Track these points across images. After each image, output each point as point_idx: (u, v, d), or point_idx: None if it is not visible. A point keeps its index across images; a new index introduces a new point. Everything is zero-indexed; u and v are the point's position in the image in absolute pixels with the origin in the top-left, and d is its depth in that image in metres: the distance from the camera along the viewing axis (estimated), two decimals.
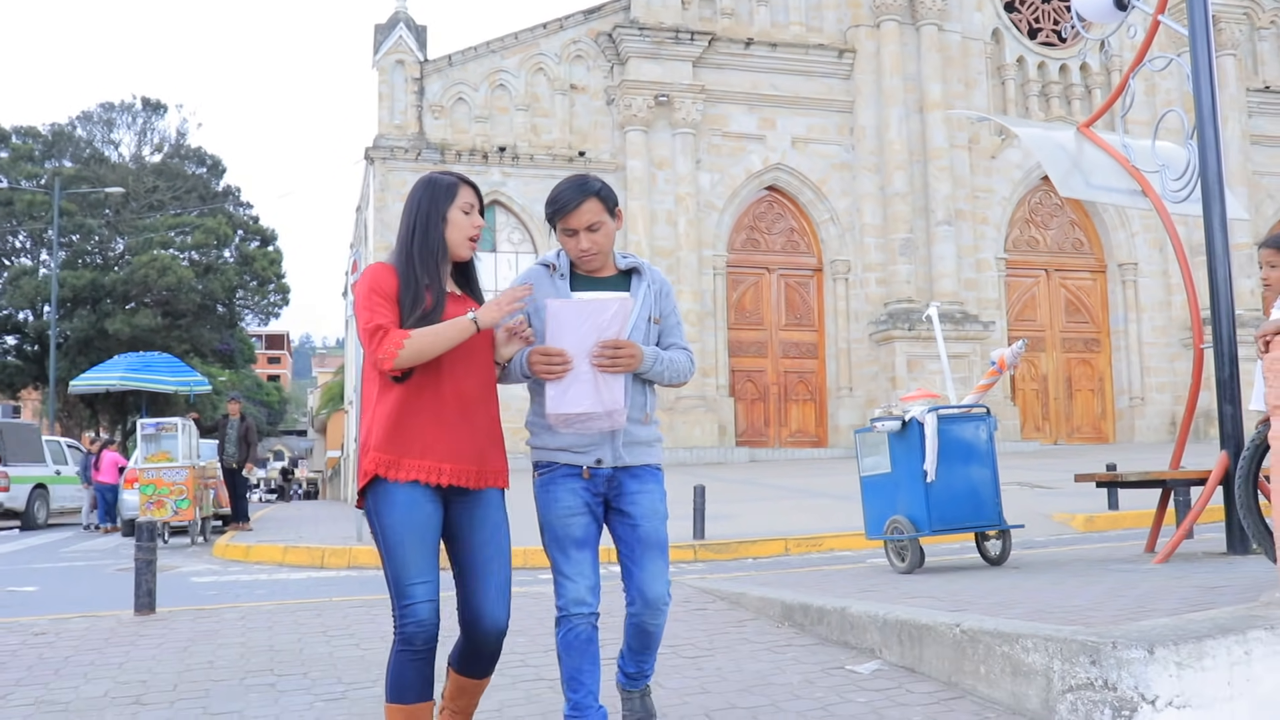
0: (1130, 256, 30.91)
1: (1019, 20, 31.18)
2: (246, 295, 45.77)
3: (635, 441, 3.63)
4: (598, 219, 3.60)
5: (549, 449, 3.61)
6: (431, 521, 3.26)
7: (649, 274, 3.74)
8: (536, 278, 3.68)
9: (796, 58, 29.06)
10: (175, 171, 45.02)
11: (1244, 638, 3.55)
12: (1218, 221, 7.08)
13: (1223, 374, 6.90)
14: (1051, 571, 6.76)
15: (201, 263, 41.83)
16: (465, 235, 3.41)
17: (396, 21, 27.71)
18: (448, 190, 3.40)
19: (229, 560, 13.68)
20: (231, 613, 7.06)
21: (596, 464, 3.58)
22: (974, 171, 29.76)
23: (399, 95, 27.33)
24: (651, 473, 3.67)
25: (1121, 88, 8.51)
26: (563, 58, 28.23)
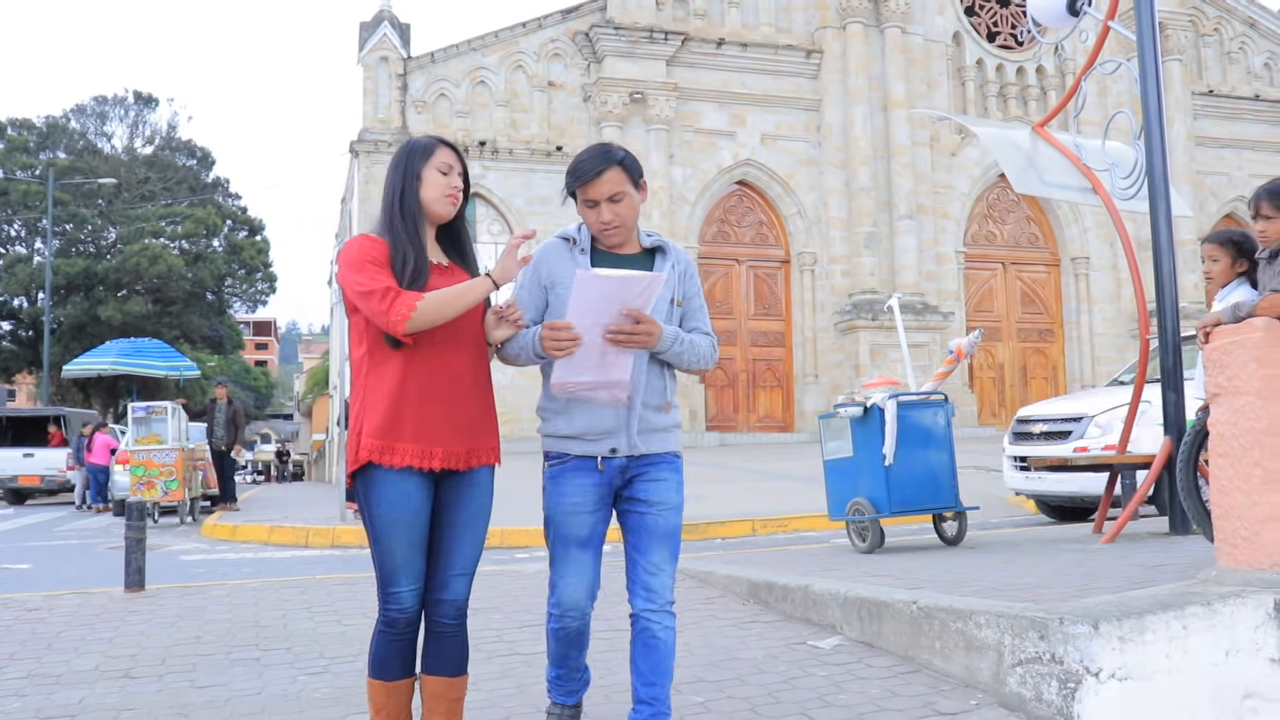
0: (1083, 251, 31.12)
1: (978, 24, 31.29)
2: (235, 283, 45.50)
3: (652, 428, 3.30)
4: (620, 189, 3.25)
5: (560, 436, 3.29)
6: (421, 512, 3.11)
7: (674, 253, 3.40)
8: (555, 251, 3.34)
9: (766, 57, 29.07)
10: (166, 163, 44.67)
11: (1182, 613, 3.60)
12: (1163, 218, 7.13)
13: (1166, 363, 6.96)
14: (1005, 551, 6.82)
15: (191, 252, 41.53)
16: (442, 193, 3.18)
17: (381, 19, 27.57)
18: (424, 151, 3.20)
19: (216, 539, 13.62)
20: (218, 590, 7.04)
21: (611, 453, 3.25)
22: (935, 168, 29.86)
23: (383, 91, 27.20)
24: (669, 461, 3.33)
25: (1074, 90, 8.56)
26: (541, 56, 28.14)
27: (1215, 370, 4.07)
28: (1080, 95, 8.58)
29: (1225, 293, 5.75)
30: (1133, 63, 7.81)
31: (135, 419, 16.63)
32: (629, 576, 3.26)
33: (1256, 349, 3.92)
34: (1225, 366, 4.02)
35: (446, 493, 3.18)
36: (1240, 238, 5.82)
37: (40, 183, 39.15)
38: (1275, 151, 33.89)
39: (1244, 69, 34.20)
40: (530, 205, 27.13)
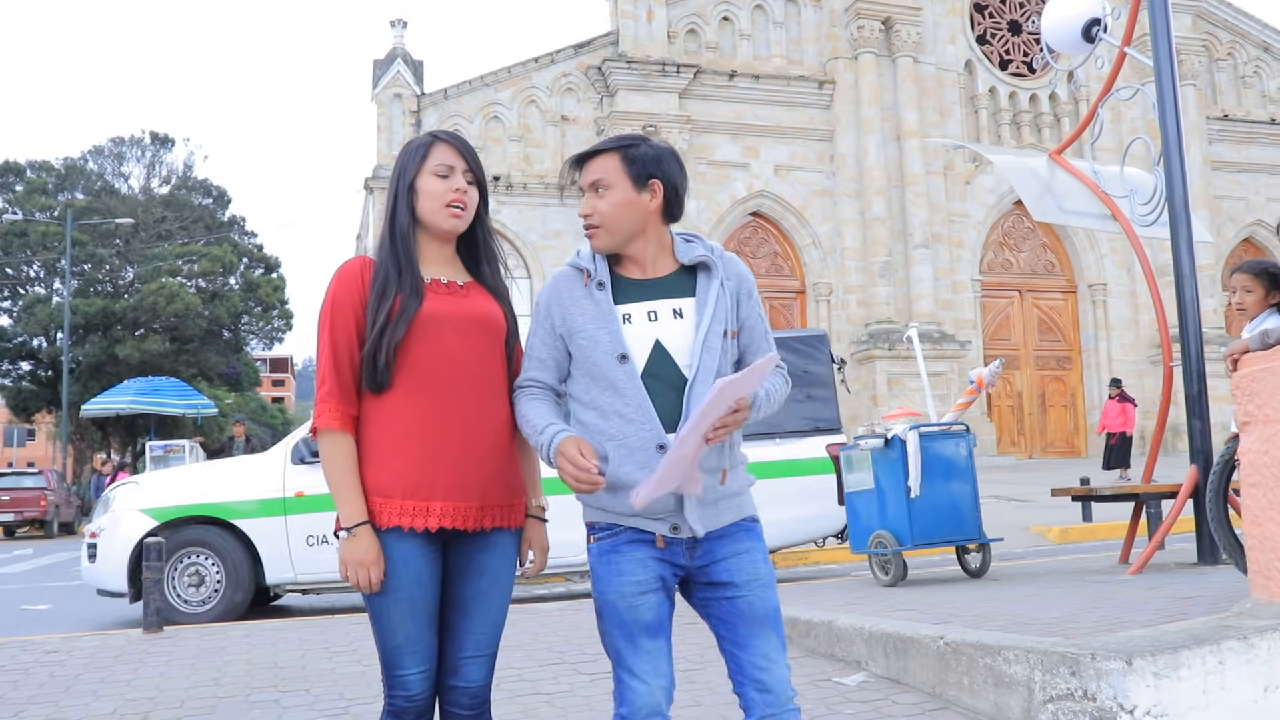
0: (1100, 277, 31.02)
1: (990, 52, 31.36)
2: (251, 321, 45.64)
3: (719, 497, 2.60)
4: (604, 178, 2.62)
5: (609, 511, 2.59)
6: (424, 578, 2.59)
7: (723, 266, 2.67)
8: (566, 288, 2.65)
9: (778, 89, 29.17)
10: (182, 202, 44.97)
11: (1218, 648, 3.53)
12: (1185, 244, 7.08)
13: (1191, 390, 6.89)
14: (1030, 583, 6.73)
15: (208, 290, 41.73)
16: (440, 203, 2.63)
17: (394, 57, 27.77)
18: (417, 151, 2.68)
19: None
20: (237, 630, 7.00)
21: (673, 531, 2.57)
22: (949, 197, 29.86)
23: (397, 128, 27.36)
24: (746, 529, 2.65)
25: (1091, 116, 8.53)
26: (554, 90, 28.30)
27: (1244, 398, 4.01)
28: (1097, 122, 8.55)
29: (1255, 324, 5.68)
30: (1149, 88, 7.78)
31: (153, 457, 16.69)
32: (734, 677, 2.63)
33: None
34: (1255, 394, 3.96)
35: (455, 559, 2.67)
36: (1275, 269, 5.76)
37: (59, 223, 39.45)
38: None
39: (1258, 93, 34.16)
40: (545, 240, 27.21)
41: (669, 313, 2.58)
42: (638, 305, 2.59)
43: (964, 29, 31.07)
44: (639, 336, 2.56)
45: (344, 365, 2.57)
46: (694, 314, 2.58)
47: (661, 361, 2.55)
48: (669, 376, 2.54)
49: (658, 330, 2.56)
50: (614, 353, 2.53)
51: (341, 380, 2.57)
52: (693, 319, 2.58)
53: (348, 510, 2.53)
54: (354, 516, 2.53)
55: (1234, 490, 5.91)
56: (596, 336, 2.55)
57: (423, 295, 2.59)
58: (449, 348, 2.59)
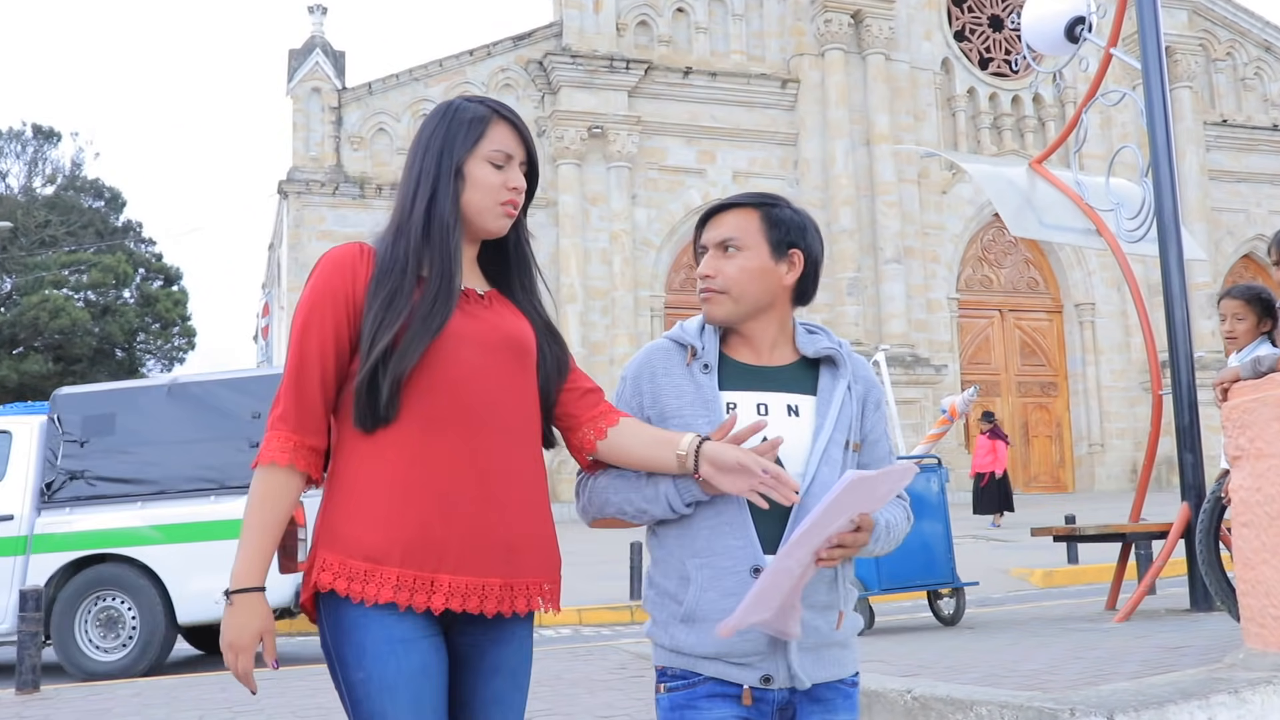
0: (1087, 296, 31.44)
1: (969, 50, 31.78)
2: (148, 339, 45.11)
3: (824, 643, 2.31)
4: (737, 237, 2.39)
5: (684, 654, 2.29)
6: (432, 670, 2.16)
7: (850, 365, 2.44)
8: (662, 363, 2.42)
9: (737, 88, 29.38)
10: (69, 205, 44.40)
11: (1207, 703, 3.59)
12: (1175, 262, 7.22)
13: (1182, 421, 7.02)
14: (1008, 631, 6.81)
15: (98, 304, 41.22)
16: (495, 200, 2.28)
17: (313, 47, 27.68)
18: (470, 127, 2.28)
19: None
20: (125, 689, 6.91)
21: (763, 683, 2.26)
22: (924, 207, 30.18)
23: (315, 125, 27.25)
24: (845, 694, 2.36)
25: (1074, 123, 8.69)
26: (491, 86, 28.32)
27: (1235, 430, 4.10)
28: (1081, 128, 8.71)
29: (1246, 352, 5.80)
30: (1138, 92, 7.94)
31: None
32: None
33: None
34: (1247, 426, 4.05)
35: (465, 649, 2.24)
36: (1267, 295, 5.89)
37: None
38: None
39: (1260, 96, 34.85)
40: None
41: (782, 409, 2.35)
42: (745, 394, 2.36)
43: (941, 24, 31.49)
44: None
45: (311, 382, 2.16)
46: (813, 415, 2.35)
47: None
48: None
49: (767, 427, 2.31)
50: None
51: (303, 401, 2.16)
52: (811, 421, 2.34)
53: (240, 566, 2.13)
54: (243, 577, 2.13)
55: (1226, 529, 6.02)
56: (693, 424, 2.31)
57: (453, 308, 2.20)
58: (469, 374, 2.20)
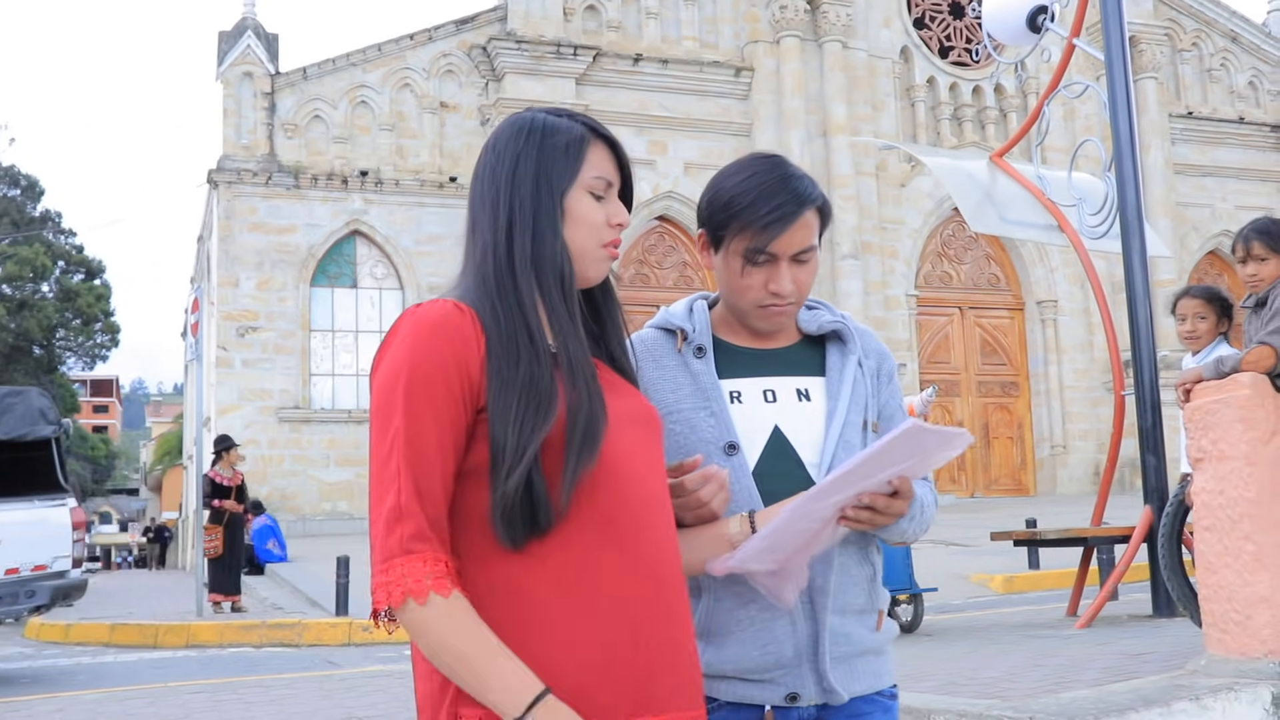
0: (1050, 293, 31.75)
1: (929, 38, 32.02)
2: (68, 335, 44.67)
3: (856, 651, 2.18)
4: (812, 244, 2.22)
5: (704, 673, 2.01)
6: None
7: (859, 340, 2.32)
8: (648, 354, 2.26)
9: (690, 75, 29.44)
10: None
11: (1168, 710, 3.67)
12: (1138, 259, 7.34)
13: (1145, 422, 7.14)
14: (967, 638, 6.89)
15: (15, 298, 40.71)
16: (597, 241, 1.93)
17: (244, 29, 27.46)
18: (568, 151, 1.91)
19: (44, 642, 13.26)
20: (47, 705, 6.85)
21: (788, 702, 2.13)
22: (882, 201, 30.37)
23: (247, 112, 27.04)
24: (884, 708, 2.24)
25: (1036, 115, 8.81)
26: (432, 73, 28.22)
27: (1198, 432, 4.19)
28: (1043, 120, 8.83)
29: (1206, 353, 5.93)
30: (1102, 83, 8.06)
31: None
32: None
33: (1244, 408, 4.03)
34: (1210, 428, 4.13)
35: None
36: (1226, 295, 6.03)
37: None
38: (1262, 180, 35.00)
39: (1226, 88, 35.35)
40: (420, 245, 27.08)
41: (791, 393, 2.24)
42: (749, 381, 2.24)
43: (900, 11, 31.69)
44: (752, 422, 2.20)
45: (435, 484, 1.72)
46: (825, 398, 2.24)
47: (780, 456, 2.17)
48: (790, 476, 2.14)
49: (776, 415, 2.21)
50: (719, 441, 2.15)
51: (433, 510, 1.72)
52: (823, 404, 2.23)
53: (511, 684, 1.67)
54: (528, 687, 1.67)
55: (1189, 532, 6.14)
56: (694, 419, 2.18)
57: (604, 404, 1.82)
58: (625, 461, 1.83)
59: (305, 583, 15.66)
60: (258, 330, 25.94)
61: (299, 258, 26.42)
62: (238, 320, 25.81)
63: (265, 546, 19.40)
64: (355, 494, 25.71)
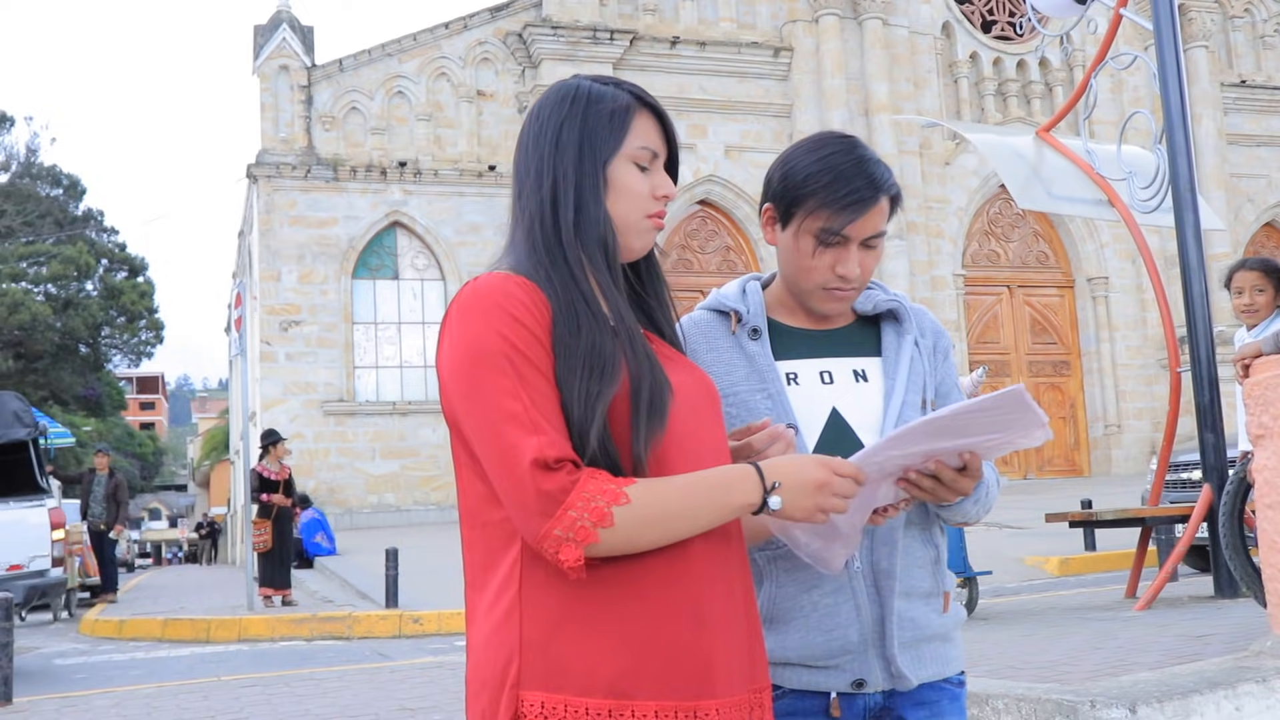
0: (1100, 270, 31.45)
1: (971, 12, 31.74)
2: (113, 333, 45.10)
3: (924, 636, 2.16)
4: (882, 230, 2.20)
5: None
6: None
7: (915, 319, 2.32)
8: (706, 334, 2.25)
9: (728, 57, 29.33)
10: (26, 193, 44.28)
11: (1233, 692, 3.63)
12: (1192, 233, 7.26)
13: (1202, 399, 7.06)
14: (1023, 622, 6.85)
15: (60, 297, 41.15)
16: (642, 212, 1.92)
17: (279, 22, 27.58)
18: (613, 120, 1.89)
19: (99, 638, 13.41)
20: (103, 699, 6.93)
21: (855, 688, 2.11)
22: (926, 180, 30.17)
23: (284, 105, 27.16)
24: (951, 695, 2.19)
25: (1083, 88, 8.71)
26: (468, 61, 28.26)
27: (1258, 408, 4.13)
28: (1091, 93, 8.73)
29: (1263, 327, 5.85)
30: (1150, 53, 7.96)
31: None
32: None
33: None
34: (1270, 404, 4.08)
35: None
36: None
37: None
38: None
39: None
40: (461, 235, 27.15)
41: (848, 375, 2.23)
42: (806, 363, 2.23)
43: None
44: (809, 404, 2.18)
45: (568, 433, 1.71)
46: (882, 378, 2.23)
47: (840, 438, 2.14)
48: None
49: (834, 397, 2.20)
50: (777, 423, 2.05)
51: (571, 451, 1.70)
52: (880, 384, 2.22)
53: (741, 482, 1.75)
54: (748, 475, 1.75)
55: (1251, 511, 6.07)
56: (750, 402, 2.16)
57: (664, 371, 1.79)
58: (692, 441, 1.82)
59: (354, 576, 15.77)
60: (300, 324, 26.09)
61: (340, 250, 26.55)
62: (280, 314, 25.97)
63: (314, 540, 19.53)
64: (401, 486, 25.86)
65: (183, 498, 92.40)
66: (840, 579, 2.09)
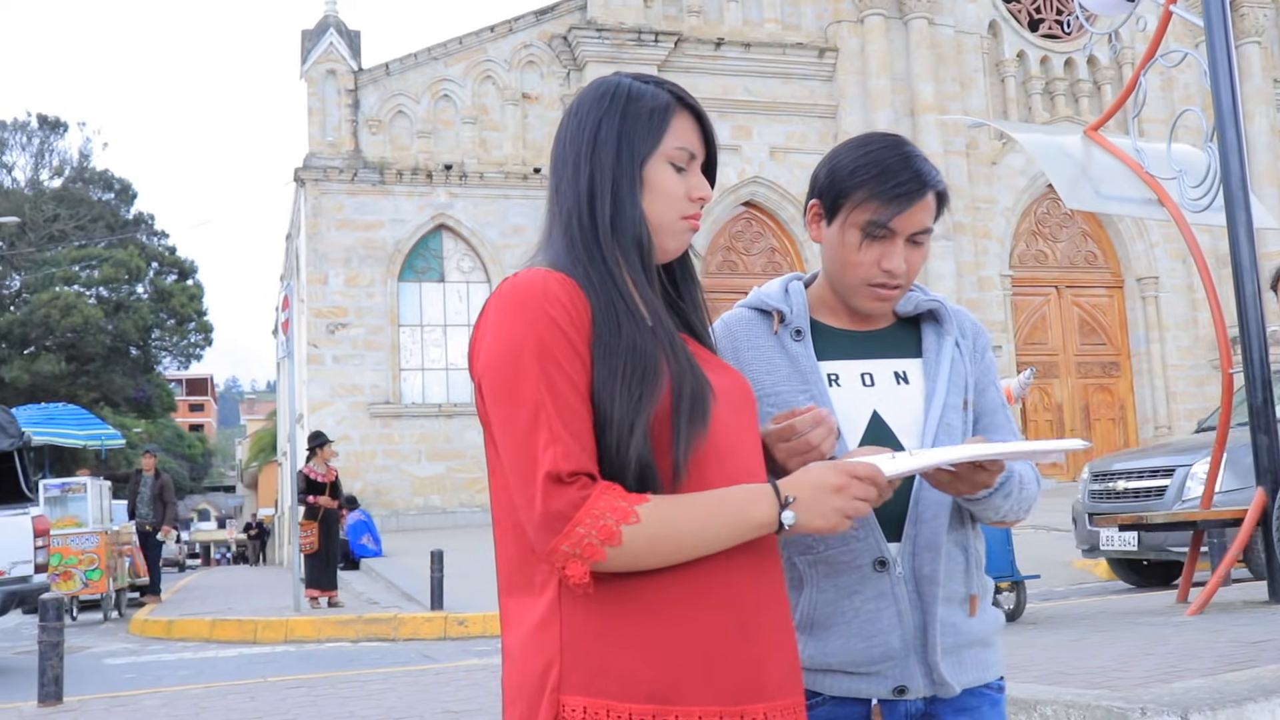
0: (1150, 270, 31.18)
1: (1018, 11, 31.54)
2: (163, 335, 45.58)
3: (964, 642, 2.14)
4: (928, 226, 2.18)
5: (804, 669, 1.95)
6: None
7: (955, 319, 2.28)
8: (744, 334, 2.23)
9: (773, 58, 29.29)
10: (78, 197, 44.81)
11: None
12: (1244, 232, 7.16)
13: (1255, 400, 6.96)
14: (1072, 627, 6.78)
15: (111, 300, 41.60)
16: (677, 213, 1.87)
17: (326, 27, 27.78)
18: (651, 119, 1.87)
19: (148, 638, 13.54)
20: (152, 699, 6.98)
21: (896, 694, 2.09)
22: (973, 180, 30.00)
23: (331, 109, 27.35)
24: (991, 701, 2.18)
25: (1132, 86, 8.61)
26: (513, 64, 28.35)
27: None
28: (1140, 91, 8.63)
29: None
30: (1201, 50, 7.87)
31: (48, 498, 16.59)
32: None
33: None
34: None
35: None
36: None
37: None
38: None
39: None
40: (506, 237, 27.23)
41: (889, 376, 2.20)
42: (847, 364, 2.20)
43: None
44: (851, 406, 2.15)
45: (592, 447, 1.68)
46: (923, 379, 2.20)
47: (880, 441, 2.09)
48: None
49: (875, 399, 2.17)
50: None
51: (594, 465, 1.67)
52: (921, 386, 2.20)
53: (755, 504, 1.71)
54: (764, 494, 1.72)
55: None
56: (792, 403, 2.09)
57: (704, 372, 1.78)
58: (733, 444, 1.80)
59: (400, 577, 15.83)
60: (347, 326, 26.26)
61: (386, 253, 26.70)
62: (327, 317, 26.15)
63: (360, 542, 19.63)
64: (447, 488, 25.97)
65: (231, 499, 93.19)
66: (882, 584, 2.06)
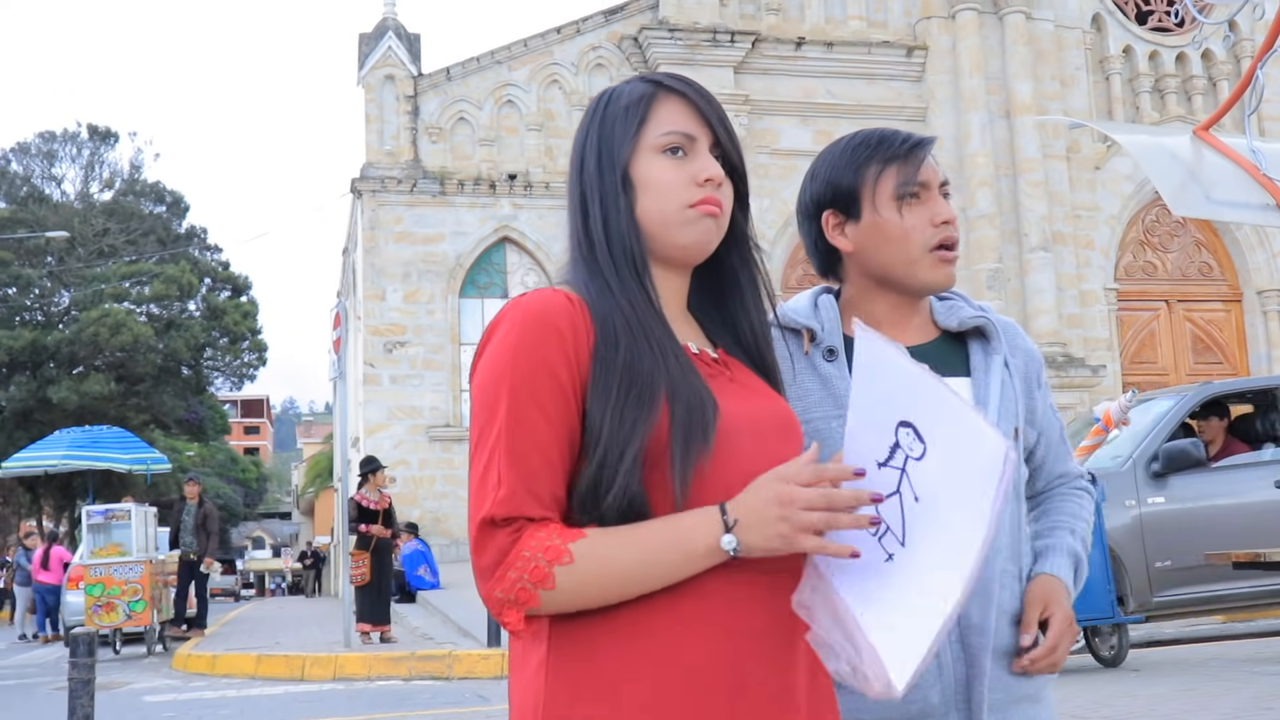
0: (1272, 282, 30.63)
1: (1124, 3, 31.18)
2: (216, 355, 46.09)
3: (1014, 698, 2.05)
4: (947, 178, 2.22)
5: None
6: None
7: (1004, 334, 2.18)
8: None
9: (857, 58, 29.14)
10: (129, 211, 45.51)
11: None
12: None
13: None
14: (1180, 675, 6.61)
15: (162, 318, 42.14)
16: (678, 202, 1.79)
17: (384, 30, 28.01)
18: (627, 115, 1.86)
19: (191, 673, 13.64)
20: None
21: None
22: (1075, 186, 29.66)
23: (389, 116, 27.57)
24: None
25: (1247, 80, 8.39)
26: (580, 67, 28.44)
27: None
28: (1257, 86, 8.41)
29: None
30: None
31: (90, 525, 16.77)
32: None
33: None
34: None
35: None
36: None
37: None
38: None
39: None
40: None
41: None
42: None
43: None
44: None
45: (544, 490, 1.64)
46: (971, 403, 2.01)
47: None
48: None
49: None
50: None
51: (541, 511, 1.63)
52: None
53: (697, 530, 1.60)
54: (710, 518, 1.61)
55: None
56: (825, 430, 2.01)
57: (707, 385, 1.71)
58: (746, 479, 1.66)
59: (457, 611, 15.82)
60: (405, 345, 26.40)
61: (446, 268, 26.83)
62: (385, 335, 26.30)
63: (416, 572, 19.69)
64: None
65: (286, 525, 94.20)
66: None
